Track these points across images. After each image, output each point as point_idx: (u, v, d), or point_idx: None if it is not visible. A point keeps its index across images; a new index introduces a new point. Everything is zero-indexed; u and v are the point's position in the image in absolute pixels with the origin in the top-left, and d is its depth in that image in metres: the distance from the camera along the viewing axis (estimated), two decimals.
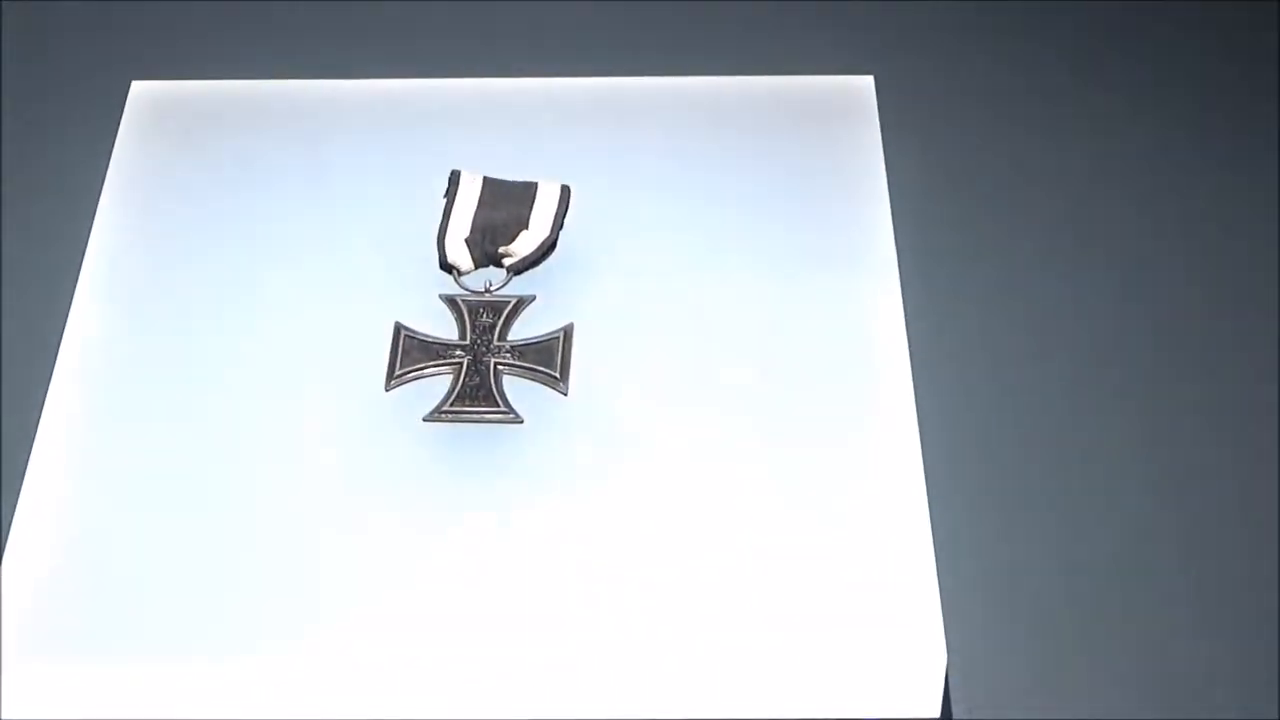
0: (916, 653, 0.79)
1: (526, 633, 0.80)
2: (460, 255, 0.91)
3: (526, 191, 0.92)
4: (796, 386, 0.87)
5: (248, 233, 0.94)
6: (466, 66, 1.03)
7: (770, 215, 0.94)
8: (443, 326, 0.89)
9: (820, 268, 0.92)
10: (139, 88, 1.01)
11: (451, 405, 0.85)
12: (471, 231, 0.91)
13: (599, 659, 0.79)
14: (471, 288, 0.90)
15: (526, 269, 0.91)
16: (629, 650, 0.79)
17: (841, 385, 0.87)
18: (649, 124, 0.99)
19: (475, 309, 0.89)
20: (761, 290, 0.91)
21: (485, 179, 0.92)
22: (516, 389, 0.86)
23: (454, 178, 0.93)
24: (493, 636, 0.79)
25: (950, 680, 0.80)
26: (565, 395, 0.86)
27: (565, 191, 0.92)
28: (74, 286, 0.92)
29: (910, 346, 0.89)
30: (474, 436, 0.85)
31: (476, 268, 0.91)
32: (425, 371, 0.87)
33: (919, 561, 0.81)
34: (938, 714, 0.80)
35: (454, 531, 0.82)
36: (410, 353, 0.87)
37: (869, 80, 1.01)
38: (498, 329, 0.88)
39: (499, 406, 0.85)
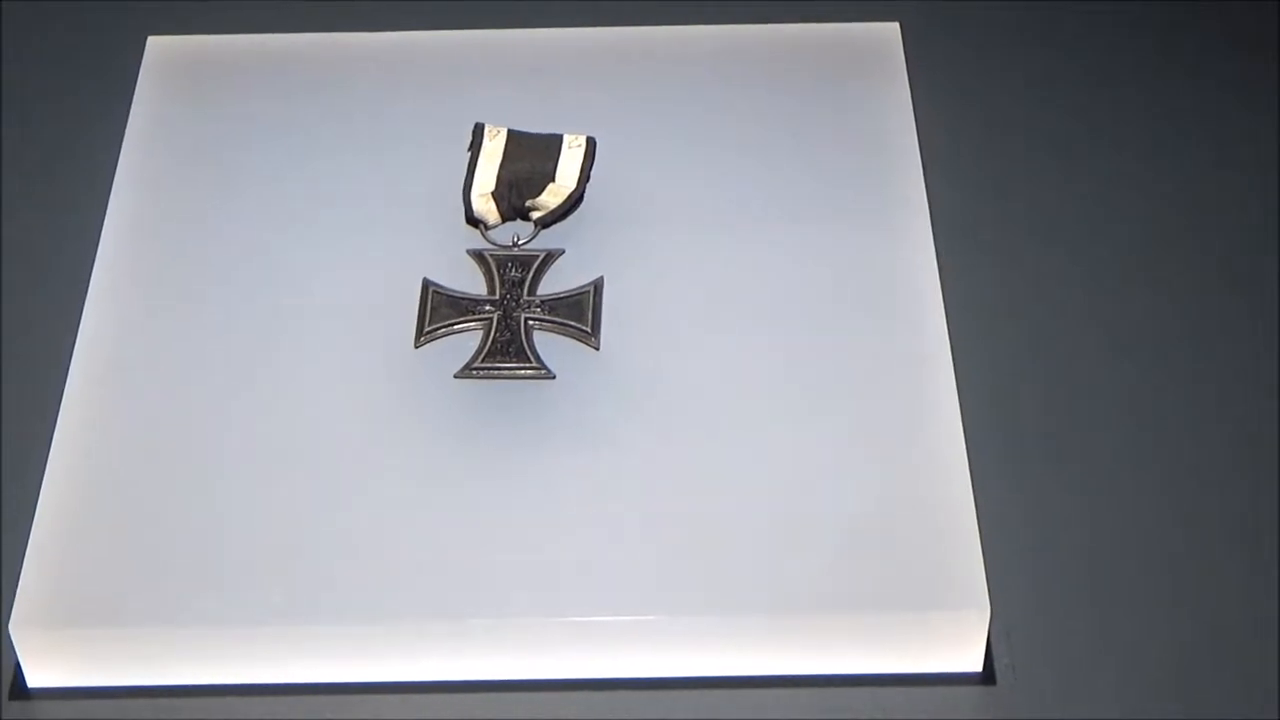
0: (959, 609, 0.78)
1: (560, 591, 0.79)
2: (487, 209, 0.90)
3: (551, 144, 0.91)
4: (830, 337, 0.86)
5: (269, 190, 0.93)
6: (488, 18, 1.02)
7: (799, 164, 0.93)
8: (471, 282, 0.88)
9: (851, 217, 0.91)
10: (155, 43, 0.99)
11: (483, 362, 0.84)
12: (497, 185, 0.90)
13: (634, 617, 0.78)
14: (499, 242, 0.89)
15: (554, 222, 0.90)
16: (663, 608, 0.78)
17: (875, 336, 0.86)
18: (673, 74, 0.98)
19: (504, 264, 0.88)
20: (792, 239, 0.90)
21: (509, 132, 0.91)
22: (547, 344, 0.85)
23: (477, 130, 0.91)
24: (526, 595, 0.79)
25: (992, 636, 0.79)
26: (597, 350, 0.86)
27: (591, 144, 0.91)
28: (95, 246, 0.91)
29: (944, 295, 0.88)
30: (505, 393, 0.84)
31: (504, 221, 0.90)
32: (455, 328, 0.86)
33: (960, 517, 0.80)
34: (980, 669, 0.79)
35: (486, 489, 0.81)
36: (439, 309, 0.86)
37: (894, 27, 1.00)
38: (527, 284, 0.87)
39: (531, 362, 0.84)
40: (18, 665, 0.79)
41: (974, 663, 0.79)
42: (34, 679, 0.79)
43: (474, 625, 0.78)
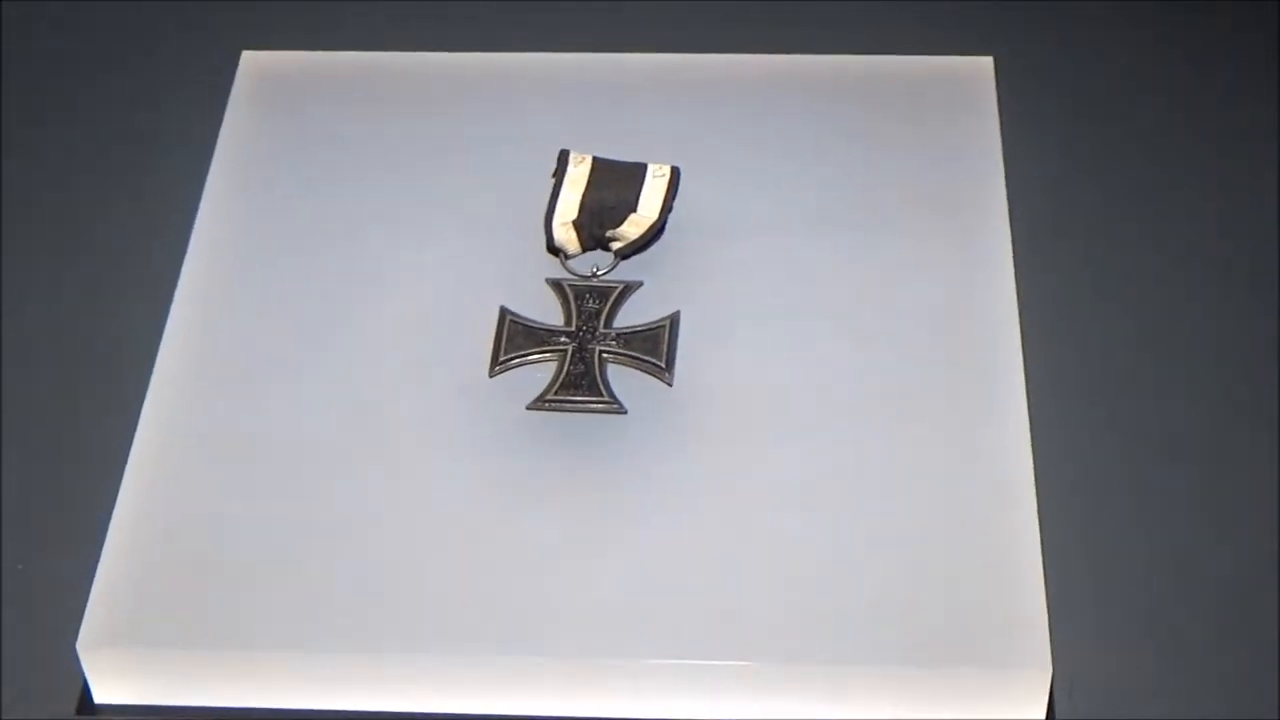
0: (1021, 667, 0.77)
1: (630, 625, 0.79)
2: (568, 238, 0.90)
3: (635, 173, 0.91)
4: (905, 378, 0.86)
5: (352, 208, 0.93)
6: (576, 40, 1.02)
7: (884, 201, 0.93)
8: (548, 311, 0.88)
9: (934, 256, 0.90)
10: (249, 58, 1.00)
11: (555, 394, 0.84)
12: (579, 214, 0.90)
13: (701, 657, 0.78)
14: (578, 271, 0.89)
15: (634, 253, 0.90)
16: (723, 654, 0.78)
17: (951, 376, 0.86)
18: (762, 103, 0.97)
19: (581, 294, 0.88)
20: (874, 278, 0.89)
21: (594, 159, 0.91)
22: (620, 378, 0.85)
23: (562, 157, 0.91)
24: (597, 629, 0.79)
25: (1055, 690, 0.78)
26: (670, 386, 0.85)
27: (675, 173, 0.91)
28: (181, 261, 0.91)
29: (1023, 333, 0.87)
30: (577, 426, 0.84)
31: (584, 251, 0.90)
32: (529, 358, 0.86)
33: (1026, 562, 0.79)
34: (1042, 718, 0.79)
35: (556, 524, 0.82)
36: (514, 339, 0.86)
37: (988, 61, 0.99)
38: (603, 315, 0.87)
39: (603, 396, 0.84)
40: (85, 682, 0.80)
41: (1036, 712, 0.78)
42: (101, 696, 0.80)
43: (536, 663, 0.78)
